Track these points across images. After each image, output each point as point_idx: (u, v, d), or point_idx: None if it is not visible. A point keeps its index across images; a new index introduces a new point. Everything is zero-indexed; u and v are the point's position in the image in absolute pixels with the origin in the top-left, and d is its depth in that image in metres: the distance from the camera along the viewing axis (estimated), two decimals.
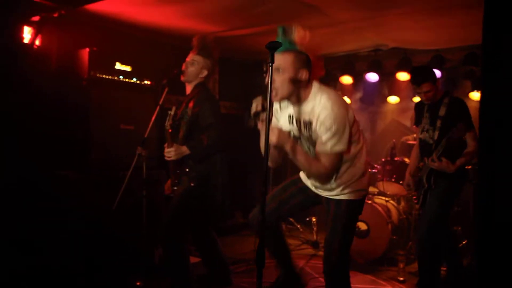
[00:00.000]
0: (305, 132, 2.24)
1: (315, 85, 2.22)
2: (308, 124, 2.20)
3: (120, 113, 3.87)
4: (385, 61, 5.24)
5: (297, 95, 2.20)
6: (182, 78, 3.11)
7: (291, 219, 5.30)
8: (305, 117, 2.21)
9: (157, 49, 4.55)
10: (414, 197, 4.08)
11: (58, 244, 3.28)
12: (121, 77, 3.89)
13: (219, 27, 4.05)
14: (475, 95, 4.87)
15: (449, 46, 4.72)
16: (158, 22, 3.96)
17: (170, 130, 2.89)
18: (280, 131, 2.13)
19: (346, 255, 2.40)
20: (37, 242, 3.25)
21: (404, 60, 4.97)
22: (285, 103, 2.33)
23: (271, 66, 1.86)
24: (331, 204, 2.40)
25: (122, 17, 3.79)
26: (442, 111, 3.18)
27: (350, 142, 2.18)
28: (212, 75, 3.14)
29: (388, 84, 5.53)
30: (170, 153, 2.93)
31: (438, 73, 4.77)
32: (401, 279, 3.78)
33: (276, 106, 2.37)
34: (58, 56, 3.71)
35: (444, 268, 3.55)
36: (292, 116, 2.29)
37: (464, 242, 4.40)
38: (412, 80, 3.29)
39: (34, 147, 3.40)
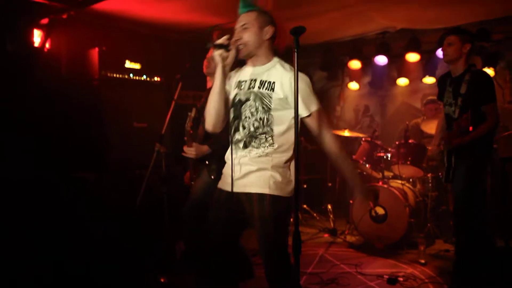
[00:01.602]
0: (258, 90, 2.13)
1: (276, 57, 2.21)
2: (267, 83, 2.12)
3: (132, 111, 3.88)
4: (393, 43, 5.19)
5: (259, 54, 2.16)
6: (205, 71, 3.09)
7: (306, 208, 5.30)
8: (264, 77, 2.14)
9: (165, 45, 4.54)
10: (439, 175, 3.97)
11: (81, 244, 3.31)
12: (131, 75, 3.89)
13: (226, 19, 4.01)
14: (487, 72, 4.81)
15: (458, 23, 4.64)
16: (164, 17, 3.95)
17: (191, 132, 2.89)
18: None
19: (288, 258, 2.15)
20: (60, 243, 3.28)
21: (412, 41, 4.92)
22: (233, 75, 2.25)
23: (296, 51, 1.83)
24: (252, 199, 2.10)
25: (129, 15, 3.78)
26: (463, 89, 3.09)
27: None
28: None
29: (396, 66, 5.49)
30: (191, 153, 2.93)
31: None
32: (422, 261, 3.77)
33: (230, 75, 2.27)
34: (68, 58, 3.72)
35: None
36: (244, 81, 2.20)
37: None
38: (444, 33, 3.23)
39: (50, 150, 3.42)
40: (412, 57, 5.06)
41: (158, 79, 4.10)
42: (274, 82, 2.12)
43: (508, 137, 4.44)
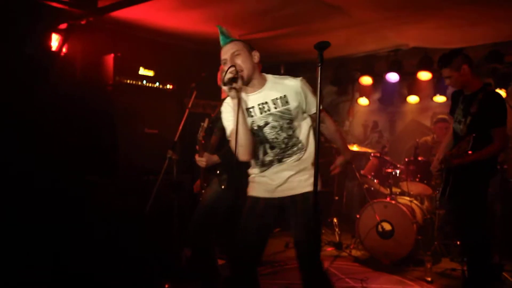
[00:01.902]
0: (276, 110, 2.23)
1: (265, 74, 2.32)
2: (280, 99, 2.23)
3: (144, 117, 3.92)
4: (405, 61, 5.22)
5: (255, 78, 2.24)
6: (219, 83, 3.12)
7: None
8: (273, 96, 2.24)
9: (179, 54, 4.60)
10: (436, 193, 3.95)
11: (88, 248, 3.32)
12: (144, 81, 3.93)
13: (242, 31, 4.07)
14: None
15: (471, 44, 4.68)
16: (180, 27, 4.01)
17: (203, 141, 2.92)
18: None
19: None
20: (68, 246, 3.30)
21: (424, 59, 4.94)
22: (234, 105, 2.15)
23: (320, 66, 1.86)
24: (297, 201, 2.27)
25: (145, 23, 3.84)
26: (474, 108, 3.01)
27: None
28: None
29: (407, 84, 5.50)
30: (202, 162, 2.95)
31: None
32: (429, 279, 3.74)
33: (228, 108, 2.30)
34: (84, 63, 3.78)
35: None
36: (252, 107, 2.26)
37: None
38: (437, 63, 3.21)
39: (63, 153, 3.46)
40: (424, 75, 5.08)
41: (171, 86, 4.15)
42: (285, 95, 2.22)
43: None
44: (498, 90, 4.75)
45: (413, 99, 5.50)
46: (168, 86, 4.12)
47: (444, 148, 3.42)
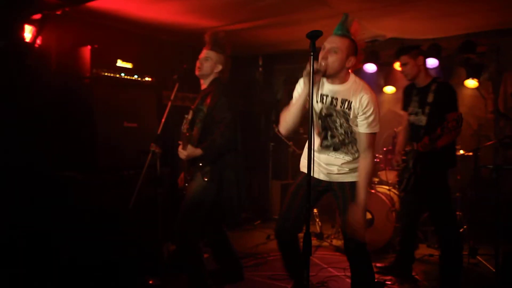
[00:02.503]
0: (340, 108, 2.44)
1: (352, 74, 2.49)
2: (347, 103, 2.41)
3: (123, 110, 3.83)
4: (382, 51, 5.29)
5: (338, 76, 2.42)
6: (197, 73, 3.09)
7: None
8: (344, 96, 2.42)
9: (157, 46, 4.52)
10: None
11: (68, 244, 3.25)
12: (122, 74, 3.85)
13: (220, 22, 4.03)
14: (470, 83, 4.97)
15: (445, 34, 4.78)
16: (159, 18, 3.93)
17: (187, 134, 2.89)
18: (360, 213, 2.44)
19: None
20: (47, 242, 3.22)
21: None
22: (317, 85, 2.49)
23: (312, 55, 1.95)
24: (345, 186, 2.58)
25: (123, 14, 3.75)
26: (430, 98, 3.27)
27: None
28: (226, 70, 3.14)
29: (384, 74, 5.59)
30: (185, 155, 2.93)
31: (434, 61, 4.86)
32: None
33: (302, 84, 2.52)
34: (59, 54, 3.66)
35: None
36: (326, 95, 2.46)
37: (464, 227, 4.50)
38: (395, 54, 3.47)
39: (40, 147, 3.35)
40: (402, 59, 5.14)
41: (150, 79, 4.07)
42: (351, 102, 2.40)
43: (490, 146, 4.58)
44: (470, 80, 4.94)
45: (389, 89, 5.60)
46: (147, 79, 4.04)
47: (403, 141, 3.57)
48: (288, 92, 6.41)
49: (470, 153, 4.21)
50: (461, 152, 4.36)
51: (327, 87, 2.46)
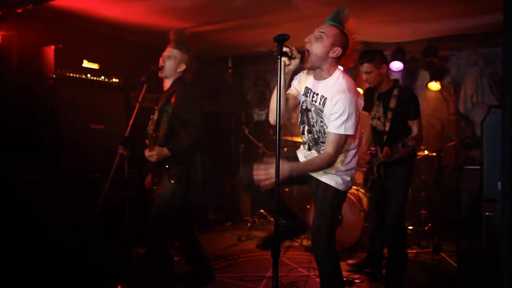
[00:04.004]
0: (318, 106, 2.35)
1: (339, 70, 2.37)
2: (324, 99, 2.31)
3: (89, 112, 3.73)
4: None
5: (322, 69, 2.32)
6: (160, 74, 3.05)
7: (263, 212, 5.35)
8: (324, 92, 2.33)
9: (124, 46, 4.44)
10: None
11: (32, 251, 3.14)
12: (88, 75, 3.75)
13: (189, 23, 4.00)
14: (434, 85, 5.14)
15: (409, 39, 4.94)
16: (126, 18, 3.87)
17: (154, 135, 2.85)
18: (284, 165, 2.17)
19: (333, 237, 2.47)
20: (11, 250, 3.09)
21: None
22: (305, 76, 2.46)
23: (280, 58, 1.92)
24: (320, 187, 2.47)
25: (89, 13, 3.66)
26: (392, 103, 3.34)
27: (356, 129, 2.32)
28: (190, 70, 3.10)
29: (351, 76, 5.68)
30: (152, 156, 2.88)
31: (399, 64, 5.00)
32: None
33: (302, 75, 2.51)
34: (21, 54, 3.52)
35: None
36: (310, 89, 2.40)
37: (429, 225, 4.65)
38: (359, 59, 3.46)
39: (0, 149, 3.23)
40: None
41: (116, 80, 3.99)
42: (326, 99, 2.29)
43: (452, 146, 4.75)
44: (433, 83, 5.11)
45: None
46: (114, 80, 3.96)
47: (366, 143, 3.67)
48: (258, 94, 6.47)
49: (434, 154, 4.35)
50: (426, 152, 4.50)
51: (312, 83, 2.40)
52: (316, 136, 2.42)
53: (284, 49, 2.05)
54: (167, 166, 2.99)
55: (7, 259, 3.05)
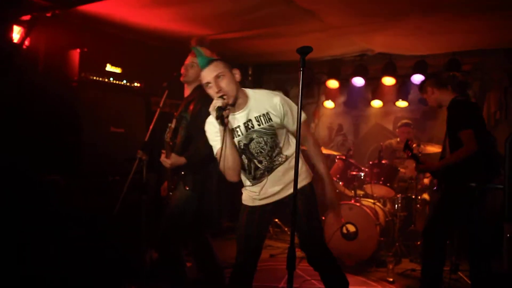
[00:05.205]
0: (260, 126, 2.30)
1: (246, 89, 2.35)
2: (263, 116, 2.29)
3: (110, 115, 3.79)
4: (370, 65, 5.37)
5: (239, 96, 2.28)
6: (182, 79, 3.08)
7: (278, 222, 5.33)
8: (255, 113, 2.30)
9: (147, 52, 4.50)
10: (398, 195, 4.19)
11: (50, 250, 3.19)
12: (111, 79, 3.82)
13: (211, 30, 4.04)
14: None
15: (432, 52, 4.89)
16: (150, 24, 3.93)
17: (170, 143, 2.87)
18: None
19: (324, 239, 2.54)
20: (28, 248, 3.15)
21: (389, 65, 5.11)
22: (214, 127, 2.28)
23: (302, 70, 1.90)
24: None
25: (114, 19, 3.73)
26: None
27: None
28: None
29: (371, 88, 5.67)
30: (167, 162, 2.90)
31: (420, 77, 4.95)
32: (390, 279, 3.86)
33: (213, 127, 2.33)
34: (47, 57, 3.61)
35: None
36: (238, 126, 2.32)
37: (448, 242, 4.55)
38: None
39: (23, 151, 3.29)
40: (388, 80, 5.24)
41: (138, 84, 4.05)
42: (267, 113, 2.28)
43: None
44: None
45: (376, 103, 5.67)
46: (136, 84, 4.02)
47: None
48: None
49: None
50: None
51: (236, 118, 2.31)
52: (269, 156, 2.35)
53: (219, 103, 2.08)
54: (182, 173, 3.01)
55: (21, 256, 3.10)
